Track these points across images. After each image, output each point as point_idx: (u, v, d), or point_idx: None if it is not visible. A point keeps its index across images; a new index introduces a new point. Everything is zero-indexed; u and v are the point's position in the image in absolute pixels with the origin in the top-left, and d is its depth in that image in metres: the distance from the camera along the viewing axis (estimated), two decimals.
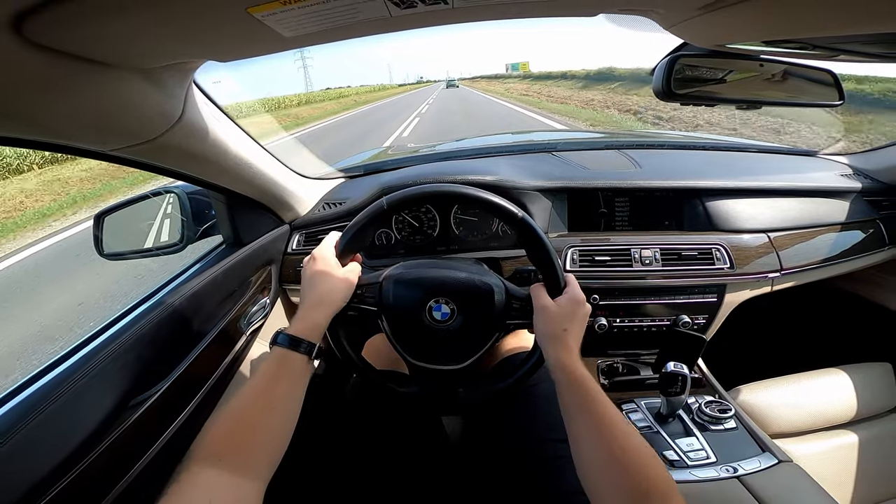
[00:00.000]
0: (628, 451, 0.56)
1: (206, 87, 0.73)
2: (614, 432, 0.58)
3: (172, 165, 0.79)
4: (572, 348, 0.68)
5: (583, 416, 0.61)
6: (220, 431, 0.57)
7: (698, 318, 1.16)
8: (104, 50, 0.46)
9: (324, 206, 1.28)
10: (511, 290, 0.79)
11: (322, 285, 0.71)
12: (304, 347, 0.65)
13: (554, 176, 1.23)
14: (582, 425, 0.61)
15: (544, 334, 0.71)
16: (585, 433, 0.60)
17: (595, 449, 0.58)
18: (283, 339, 0.65)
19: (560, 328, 0.69)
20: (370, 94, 56.22)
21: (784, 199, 1.23)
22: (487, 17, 0.55)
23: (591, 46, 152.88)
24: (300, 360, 0.65)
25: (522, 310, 0.77)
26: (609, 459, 0.56)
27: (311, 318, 0.68)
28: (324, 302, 0.71)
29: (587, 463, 0.59)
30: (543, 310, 0.72)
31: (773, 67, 0.75)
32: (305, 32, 0.50)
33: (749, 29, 0.59)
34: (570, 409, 0.63)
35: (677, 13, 0.56)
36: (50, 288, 4.32)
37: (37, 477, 0.58)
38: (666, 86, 0.73)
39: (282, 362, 0.64)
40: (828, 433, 1.11)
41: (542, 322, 0.71)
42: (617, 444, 0.57)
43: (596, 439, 0.58)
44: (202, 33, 0.48)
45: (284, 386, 0.63)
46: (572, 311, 0.71)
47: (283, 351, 0.64)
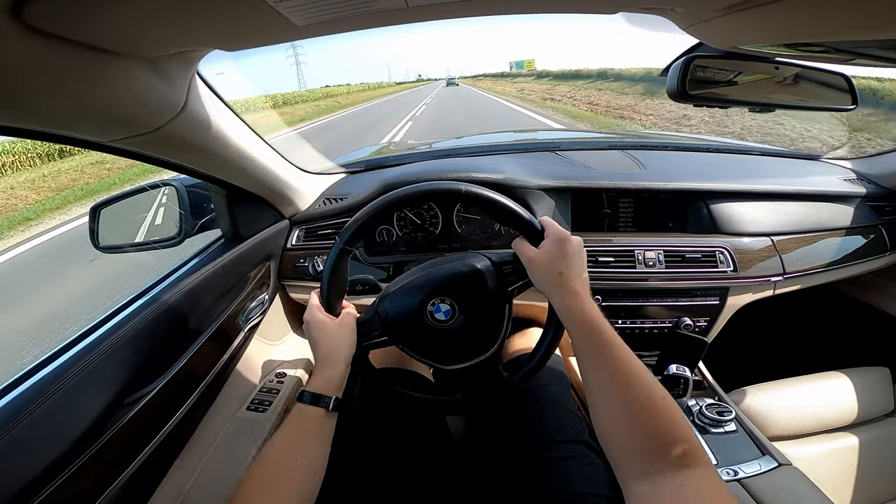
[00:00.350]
0: (644, 401, 0.53)
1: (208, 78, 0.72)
2: (629, 380, 0.54)
3: (173, 157, 0.77)
4: (576, 290, 0.64)
5: (594, 362, 0.58)
6: (250, 484, 0.59)
7: (700, 320, 1.15)
8: (107, 37, 0.44)
9: (324, 201, 1.27)
10: (496, 258, 0.77)
11: (325, 343, 0.73)
12: (324, 402, 0.67)
13: (558, 175, 1.22)
14: (597, 374, 0.58)
15: (542, 285, 0.68)
16: (601, 383, 0.57)
17: (607, 398, 0.55)
18: (307, 396, 0.67)
19: (555, 273, 0.66)
20: (362, 94, 52.16)
21: (788, 202, 1.23)
22: (506, 11, 0.54)
23: (608, 43, 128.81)
24: (320, 413, 0.67)
25: (516, 271, 0.74)
26: (623, 410, 0.53)
27: (325, 375, 0.70)
28: (333, 357, 0.72)
29: (604, 416, 0.56)
30: (531, 262, 0.69)
31: (786, 70, 0.75)
32: (319, 21, 0.48)
33: (770, 31, 0.58)
34: (583, 357, 0.60)
35: (698, 13, 0.55)
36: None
37: (30, 475, 0.57)
38: (681, 86, 0.72)
39: (303, 416, 0.67)
40: (827, 436, 1.11)
41: (536, 273, 0.69)
42: (631, 393, 0.53)
43: (608, 388, 0.55)
44: (211, 20, 0.46)
45: (308, 437, 0.66)
46: (560, 250, 0.67)
47: (305, 406, 0.67)
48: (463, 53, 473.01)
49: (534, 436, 0.81)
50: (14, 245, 6.29)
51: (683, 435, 0.50)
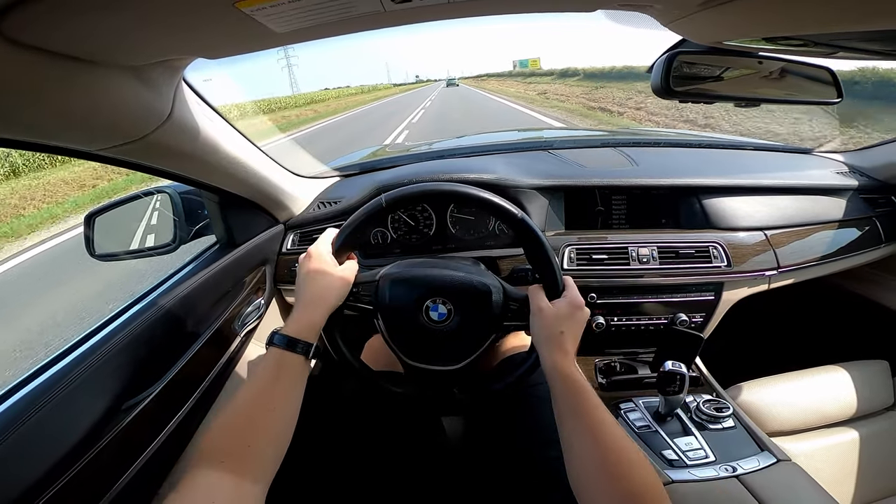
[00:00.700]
0: (620, 456, 0.56)
1: (196, 84, 0.72)
2: (607, 438, 0.58)
3: (163, 165, 0.78)
4: (568, 352, 0.67)
5: (576, 420, 0.61)
6: (219, 434, 0.57)
7: (696, 316, 1.15)
8: (87, 47, 0.45)
9: (318, 205, 1.27)
10: (509, 291, 0.78)
11: (318, 283, 0.70)
12: (301, 348, 0.64)
13: (551, 174, 1.22)
14: (575, 430, 0.60)
15: (540, 337, 0.70)
16: (578, 438, 0.60)
17: (587, 454, 0.58)
18: (280, 339, 0.64)
19: (557, 331, 0.69)
20: (353, 98, 46.52)
21: (780, 196, 1.23)
22: (486, 12, 0.54)
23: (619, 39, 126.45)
24: (297, 360, 0.64)
25: (519, 311, 0.76)
26: (601, 465, 0.56)
27: (306, 317, 0.67)
28: (320, 300, 0.70)
29: (578, 467, 0.59)
30: (540, 312, 0.71)
31: (771, 65, 0.75)
32: (298, 28, 0.49)
33: (748, 25, 0.58)
34: (564, 414, 0.63)
35: (676, 9, 0.55)
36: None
37: (29, 480, 0.57)
38: (665, 83, 0.72)
39: (279, 363, 0.63)
40: (825, 431, 1.11)
41: (539, 324, 0.71)
42: (609, 450, 0.57)
43: (589, 444, 0.58)
44: (190, 29, 0.47)
45: (283, 387, 0.62)
46: (569, 314, 0.70)
47: (280, 351, 0.63)
48: (463, 54, 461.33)
49: (532, 436, 0.81)
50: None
51: (654, 485, 0.54)
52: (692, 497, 0.81)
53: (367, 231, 0.77)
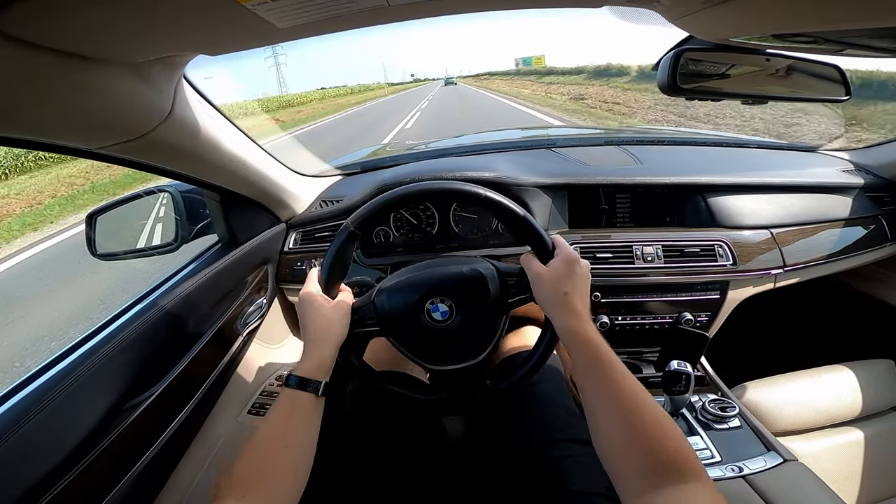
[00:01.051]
0: (646, 420, 0.54)
1: (196, 82, 0.72)
2: (628, 400, 0.56)
3: (163, 163, 0.77)
4: (579, 312, 0.65)
5: (598, 383, 0.59)
6: (239, 471, 0.58)
7: (701, 315, 1.15)
8: (87, 44, 0.44)
9: (321, 203, 1.27)
10: (502, 268, 0.77)
11: (317, 323, 0.72)
12: (312, 387, 0.66)
13: (554, 172, 1.22)
14: (597, 393, 0.58)
15: (546, 302, 0.69)
16: (601, 402, 0.58)
17: (610, 418, 0.56)
18: (294, 380, 0.66)
19: (560, 292, 0.67)
20: (340, 100, 39.77)
21: (786, 194, 1.22)
22: (489, 7, 0.54)
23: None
24: (309, 398, 0.66)
25: (519, 284, 0.75)
26: (626, 429, 0.54)
27: (315, 356, 0.69)
28: (323, 339, 0.71)
29: (603, 433, 0.57)
30: (538, 278, 0.69)
31: (778, 62, 0.74)
32: (300, 23, 0.48)
33: (755, 22, 0.57)
34: (584, 377, 0.61)
35: (683, 6, 0.54)
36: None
37: (32, 481, 0.57)
38: (671, 80, 0.71)
39: (293, 402, 0.65)
40: (832, 431, 1.10)
41: (541, 291, 0.69)
42: (633, 412, 0.54)
43: (611, 408, 0.56)
44: (191, 25, 0.46)
45: (298, 423, 0.65)
46: (568, 271, 0.68)
47: (294, 391, 0.66)
48: (462, 52, 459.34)
49: (532, 435, 0.80)
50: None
51: (683, 451, 0.51)
52: None
53: (346, 258, 0.77)
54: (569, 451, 0.76)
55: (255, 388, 1.16)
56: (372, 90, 66.52)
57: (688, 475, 0.49)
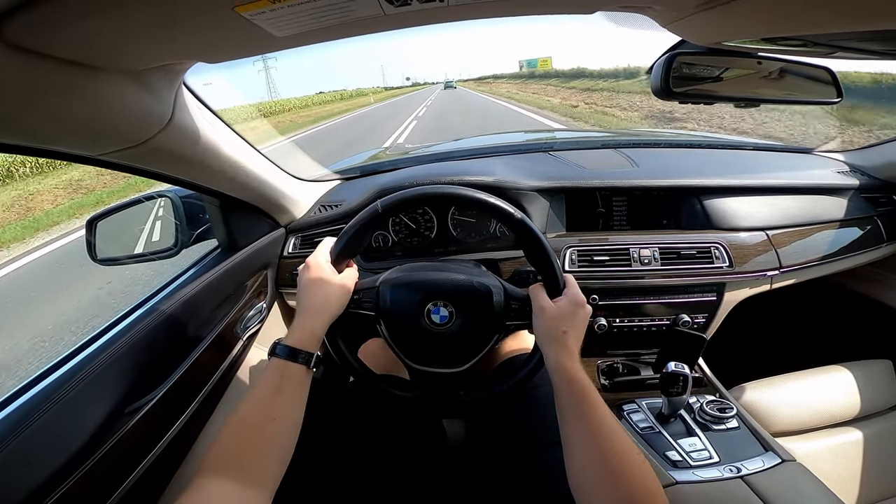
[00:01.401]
0: (622, 458, 0.56)
1: (196, 89, 0.72)
2: (608, 439, 0.58)
3: (164, 169, 0.78)
4: (572, 351, 0.67)
5: (579, 420, 0.61)
6: (225, 444, 0.57)
7: (698, 317, 1.15)
8: (88, 52, 0.45)
9: (320, 208, 1.27)
10: (510, 291, 0.78)
11: (318, 293, 0.71)
12: (303, 357, 0.65)
13: (551, 176, 1.22)
14: (577, 430, 0.60)
15: (543, 336, 0.70)
16: (580, 438, 0.60)
17: (588, 454, 0.58)
18: (282, 350, 0.65)
19: (559, 330, 0.69)
20: (323, 108, 35.04)
21: (781, 196, 1.23)
22: (484, 15, 0.55)
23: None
24: (299, 370, 0.64)
25: (521, 311, 0.76)
26: (601, 465, 0.56)
27: (308, 327, 0.68)
28: (320, 310, 0.70)
29: (579, 467, 0.59)
30: (542, 311, 0.71)
31: (770, 65, 0.75)
32: (297, 31, 0.49)
33: (746, 26, 0.58)
34: (566, 413, 0.63)
35: (675, 11, 0.55)
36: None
37: (33, 485, 0.57)
38: (664, 84, 0.72)
39: (281, 373, 0.64)
40: (830, 431, 1.10)
41: (542, 323, 0.71)
42: (611, 450, 0.57)
43: (590, 445, 0.58)
44: (189, 34, 0.47)
45: (285, 396, 0.63)
46: (572, 312, 0.70)
47: (282, 362, 0.64)
48: (463, 55, 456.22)
49: (533, 437, 0.81)
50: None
51: (653, 486, 0.54)
52: (696, 498, 0.81)
53: (365, 237, 0.77)
54: None
55: None
56: (364, 95, 61.33)
57: None
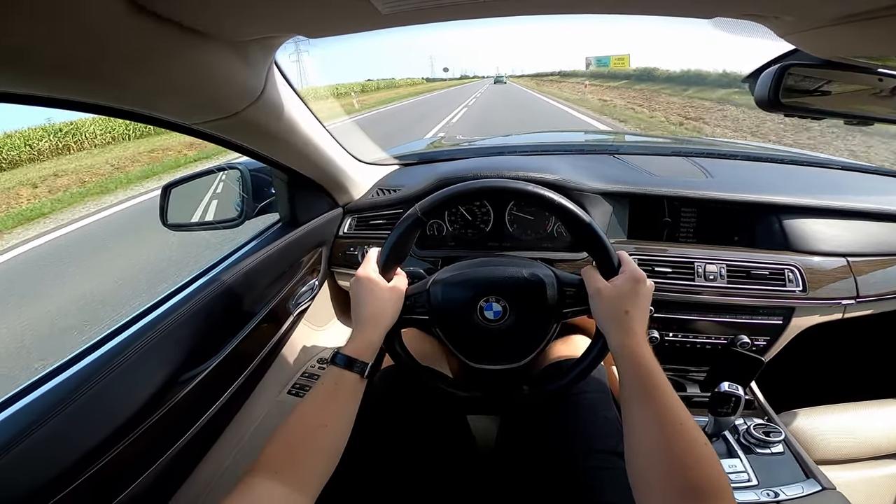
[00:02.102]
0: (689, 447, 0.53)
1: (283, 66, 0.73)
2: (676, 426, 0.55)
3: (246, 142, 0.80)
4: (636, 331, 0.64)
5: (644, 405, 0.58)
6: (277, 447, 0.59)
7: (759, 339, 1.10)
8: (200, 17, 0.46)
9: (378, 191, 1.28)
10: (562, 277, 0.76)
11: (371, 304, 0.72)
12: (358, 367, 0.66)
13: (617, 179, 1.18)
14: (642, 415, 0.58)
15: (604, 318, 0.68)
16: (644, 423, 0.57)
17: (653, 441, 0.55)
18: (340, 358, 0.66)
19: (621, 310, 0.66)
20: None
21: (867, 221, 1.15)
22: (595, 10, 0.52)
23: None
24: (354, 378, 0.66)
25: (577, 296, 0.74)
26: (668, 453, 0.53)
27: (364, 337, 0.69)
28: (376, 320, 0.71)
29: (639, 454, 0.57)
30: (598, 293, 0.68)
31: (891, 82, 0.69)
32: (403, 10, 0.48)
33: (879, 43, 0.53)
34: (631, 397, 0.60)
35: (803, 23, 0.51)
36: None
37: (84, 450, 0.60)
38: (773, 95, 0.67)
39: (336, 381, 0.65)
40: (875, 462, 1.04)
41: (600, 306, 0.68)
42: (678, 438, 0.54)
43: (656, 431, 0.55)
44: (298, 5, 0.47)
45: (339, 404, 0.65)
46: (631, 289, 0.67)
47: (339, 370, 0.66)
48: (513, 48, 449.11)
49: (571, 443, 0.79)
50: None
51: (719, 480, 0.51)
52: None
53: (408, 243, 0.77)
54: (607, 462, 0.75)
55: (297, 368, 1.19)
56: (399, 86, 56.56)
57: (717, 499, 0.49)
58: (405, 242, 0.77)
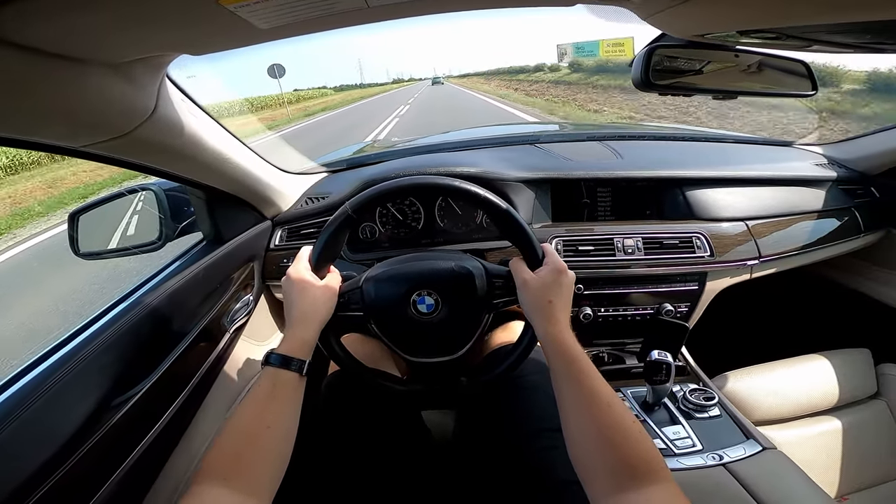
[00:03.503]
0: (616, 425, 0.56)
1: (180, 81, 0.72)
2: (602, 406, 0.58)
3: (148, 161, 0.77)
4: (560, 319, 0.67)
5: (572, 389, 0.61)
6: (222, 451, 0.58)
7: (680, 306, 1.18)
8: (72, 45, 0.45)
9: (306, 200, 1.27)
10: (491, 269, 0.78)
11: (304, 302, 0.71)
12: (295, 365, 0.65)
13: (538, 167, 1.24)
14: (571, 399, 0.61)
15: (529, 308, 0.71)
16: (574, 407, 0.60)
17: (583, 423, 0.58)
18: (275, 358, 0.65)
19: (545, 300, 0.69)
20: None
21: (761, 188, 1.25)
22: (468, 7, 0.55)
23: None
24: (292, 377, 0.65)
25: (505, 287, 0.77)
26: (597, 434, 0.56)
27: (298, 335, 0.69)
28: (309, 317, 0.71)
29: (575, 437, 0.59)
30: (525, 284, 0.71)
31: (748, 58, 0.76)
32: (281, 24, 0.49)
33: (723, 19, 0.60)
34: (560, 382, 0.63)
35: (653, 4, 0.56)
36: None
37: (19, 479, 0.57)
38: (644, 76, 0.73)
39: (274, 381, 0.64)
40: (810, 420, 1.13)
41: (526, 296, 0.71)
42: (605, 418, 0.57)
43: (584, 413, 0.58)
44: (173, 26, 0.47)
45: (279, 404, 0.63)
46: (554, 280, 0.70)
47: (275, 369, 0.65)
48: (451, 48, 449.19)
49: (520, 427, 0.81)
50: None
51: (650, 454, 0.54)
52: (680, 485, 0.83)
53: (339, 241, 0.78)
54: (556, 441, 0.77)
55: (243, 384, 1.16)
56: (313, 97, 47.90)
57: (654, 477, 0.52)
58: (336, 240, 0.77)
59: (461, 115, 15.27)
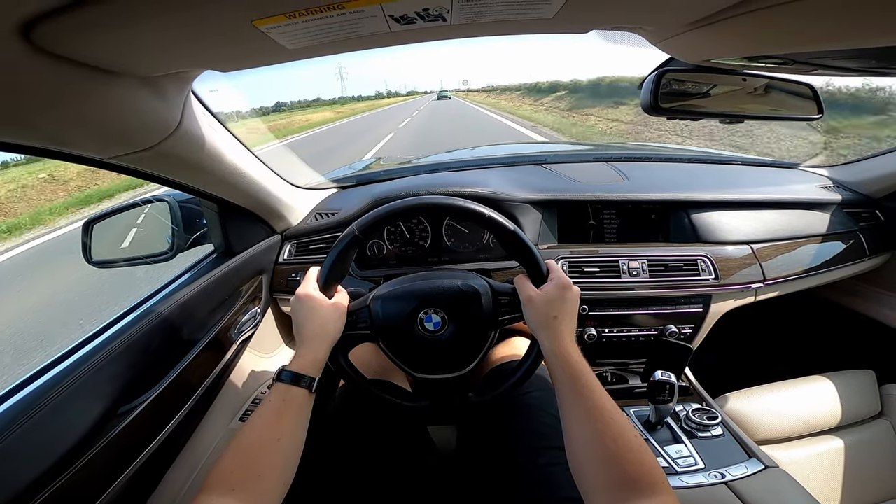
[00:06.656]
0: (618, 438, 0.57)
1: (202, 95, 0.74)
2: (605, 420, 0.58)
3: (168, 174, 0.79)
4: (565, 335, 0.68)
5: (575, 403, 0.62)
6: (230, 464, 0.58)
7: (685, 327, 1.18)
8: (110, 58, 0.47)
9: (316, 215, 1.29)
10: (496, 287, 0.80)
11: (313, 321, 0.73)
12: (305, 382, 0.67)
13: (545, 188, 1.25)
14: (574, 413, 0.61)
15: (535, 324, 0.72)
16: (576, 421, 0.61)
17: (586, 435, 0.59)
18: (286, 375, 0.67)
19: (549, 316, 0.70)
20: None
21: (766, 211, 1.26)
22: (485, 34, 0.57)
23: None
24: (301, 393, 0.67)
25: (511, 304, 0.78)
26: (599, 446, 0.57)
27: (309, 354, 0.70)
28: (318, 337, 0.72)
29: (578, 449, 0.60)
30: (529, 300, 0.72)
31: (755, 82, 0.78)
32: (308, 45, 0.51)
33: (731, 45, 0.62)
34: (564, 397, 0.64)
35: (665, 30, 0.58)
36: None
37: (21, 486, 0.57)
38: (653, 100, 0.75)
39: (283, 396, 0.66)
40: (813, 439, 1.13)
41: (531, 312, 0.72)
42: (607, 431, 0.57)
43: (587, 426, 0.59)
44: (207, 44, 0.49)
45: (288, 419, 0.65)
46: (559, 296, 0.71)
47: (285, 386, 0.67)
48: (465, 62, 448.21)
49: (523, 444, 0.81)
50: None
51: (651, 468, 0.55)
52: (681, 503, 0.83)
53: (347, 261, 0.79)
54: (558, 458, 0.77)
55: (247, 396, 1.16)
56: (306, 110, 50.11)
57: (654, 490, 0.52)
58: (344, 260, 0.79)
59: (469, 135, 15.17)
